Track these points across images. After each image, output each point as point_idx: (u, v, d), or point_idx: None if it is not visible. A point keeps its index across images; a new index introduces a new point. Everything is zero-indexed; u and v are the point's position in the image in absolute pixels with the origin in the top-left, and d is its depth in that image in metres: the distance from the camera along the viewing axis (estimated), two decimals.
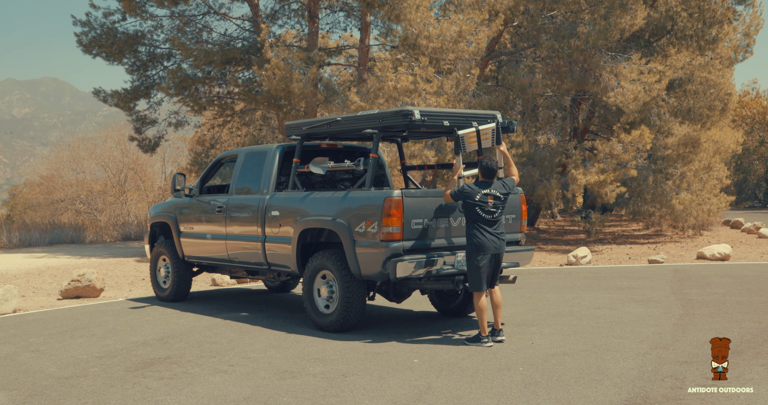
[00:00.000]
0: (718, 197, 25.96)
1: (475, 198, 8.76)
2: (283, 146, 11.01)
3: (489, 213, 8.82)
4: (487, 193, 8.83)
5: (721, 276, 14.90)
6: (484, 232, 8.79)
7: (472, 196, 8.76)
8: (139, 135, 26.23)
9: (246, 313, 11.47)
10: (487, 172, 8.94)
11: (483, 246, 8.76)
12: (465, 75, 21.65)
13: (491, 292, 9.03)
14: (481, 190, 8.81)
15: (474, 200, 8.76)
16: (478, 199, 8.77)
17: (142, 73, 24.73)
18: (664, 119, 25.00)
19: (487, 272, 8.86)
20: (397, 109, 9.21)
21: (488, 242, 8.78)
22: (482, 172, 8.96)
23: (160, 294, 12.89)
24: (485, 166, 8.94)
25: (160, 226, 13.17)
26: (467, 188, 8.81)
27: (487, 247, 8.77)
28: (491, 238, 8.81)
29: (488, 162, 8.94)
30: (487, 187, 8.86)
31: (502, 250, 8.92)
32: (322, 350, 8.62)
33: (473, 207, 8.77)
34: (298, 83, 20.14)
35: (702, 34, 24.63)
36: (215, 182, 16.83)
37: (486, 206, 8.81)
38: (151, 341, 9.38)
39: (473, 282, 8.84)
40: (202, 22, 24.19)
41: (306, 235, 10.04)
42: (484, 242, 8.76)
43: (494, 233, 8.84)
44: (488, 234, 8.81)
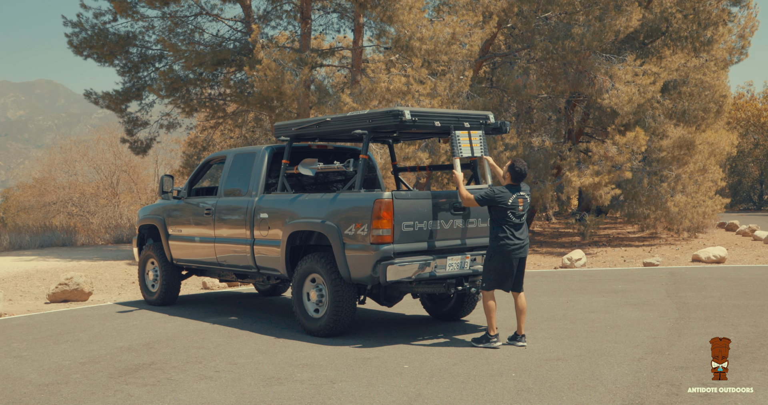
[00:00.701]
0: (713, 199, 25.83)
1: (507, 202, 8.63)
2: (272, 147, 10.83)
3: (518, 216, 8.72)
4: (518, 196, 8.71)
5: (717, 279, 14.74)
6: (511, 235, 8.65)
7: (504, 201, 8.62)
8: (130, 137, 26.04)
9: (235, 317, 11.28)
10: (518, 176, 8.75)
11: (509, 249, 8.63)
12: (459, 77, 21.49)
13: (516, 297, 8.87)
14: (512, 193, 8.69)
15: (507, 204, 8.63)
16: (511, 203, 8.65)
17: (133, 75, 24.53)
18: (658, 121, 24.84)
19: (511, 276, 8.74)
20: (387, 109, 9.03)
21: (515, 246, 8.65)
22: (513, 176, 8.76)
23: (149, 298, 12.69)
24: (518, 170, 8.74)
25: (149, 229, 12.97)
26: (498, 192, 8.65)
27: (513, 250, 8.65)
28: (518, 241, 8.68)
29: (520, 166, 8.74)
30: (516, 190, 8.74)
31: (526, 252, 8.82)
32: (311, 355, 8.43)
33: (505, 211, 8.64)
34: (289, 84, 19.96)
35: (697, 36, 24.47)
36: (204, 184, 16.64)
37: (517, 210, 8.70)
38: (136, 346, 9.18)
39: (488, 281, 8.70)
40: (193, 23, 24.03)
41: (295, 237, 9.86)
42: (510, 245, 8.63)
43: (521, 236, 8.72)
44: (515, 238, 8.67)
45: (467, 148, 9.32)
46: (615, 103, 21.95)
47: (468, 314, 10.68)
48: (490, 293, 8.71)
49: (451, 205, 9.19)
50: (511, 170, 8.79)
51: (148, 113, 25.86)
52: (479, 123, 9.65)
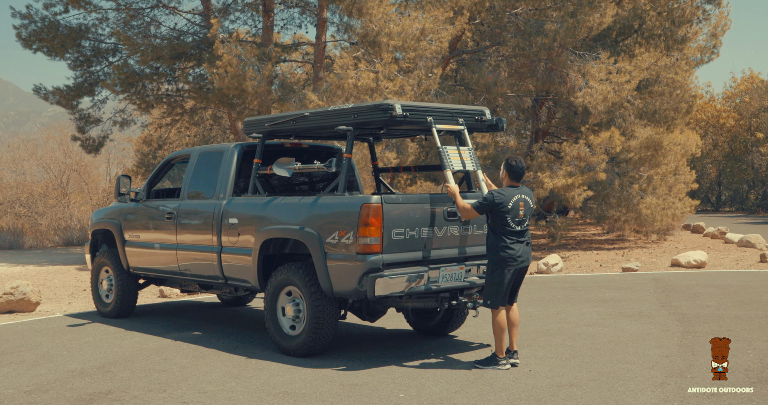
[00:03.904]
0: (682, 201, 25.30)
1: (508, 206, 7.72)
2: (242, 145, 9.82)
3: (520, 222, 7.79)
4: (519, 199, 7.79)
5: (705, 286, 14.05)
6: (512, 242, 7.75)
7: (504, 205, 7.70)
8: (82, 134, 24.70)
9: (199, 332, 10.24)
10: (516, 174, 7.89)
11: (512, 258, 7.73)
12: (427, 74, 20.60)
13: (509, 310, 7.99)
14: (512, 196, 7.77)
15: (507, 208, 7.71)
16: (511, 207, 7.73)
17: (85, 69, 23.22)
18: (629, 121, 24.20)
19: (509, 288, 7.85)
20: (375, 103, 8.07)
21: (517, 254, 7.75)
22: (511, 174, 7.90)
23: (103, 309, 11.60)
24: (515, 166, 7.88)
25: (103, 234, 11.88)
26: (498, 196, 7.72)
27: (516, 259, 7.75)
28: (520, 248, 7.78)
29: (516, 161, 7.89)
30: (517, 192, 7.82)
31: (529, 262, 7.92)
32: (290, 381, 7.45)
33: (504, 216, 7.72)
34: (252, 81, 18.91)
35: (671, 34, 23.87)
36: (165, 185, 15.51)
37: (517, 215, 7.78)
38: (90, 370, 8.10)
39: (493, 298, 7.79)
40: (150, 15, 22.81)
41: (269, 245, 8.87)
42: (512, 255, 7.73)
43: (523, 242, 7.82)
44: (517, 244, 7.76)
45: (457, 160, 8.36)
46: (589, 101, 21.22)
47: (456, 329, 9.77)
48: (498, 311, 7.81)
49: (445, 210, 8.26)
50: (507, 168, 7.91)
51: (100, 110, 24.54)
52: (474, 119, 8.76)
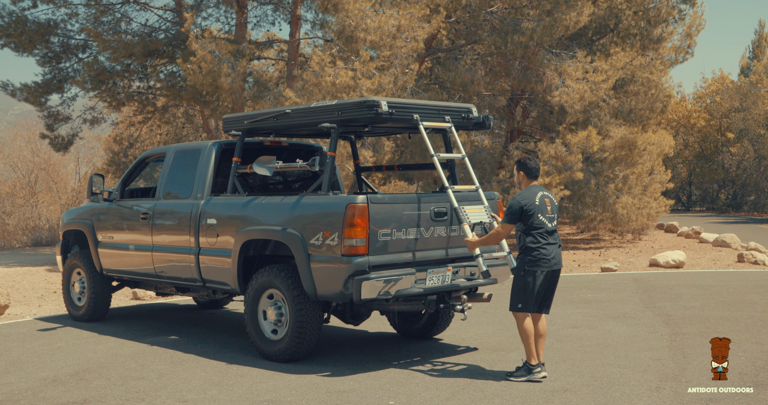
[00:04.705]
0: (657, 201, 25.27)
1: (535, 203, 7.38)
2: (220, 143, 9.51)
3: (550, 219, 7.47)
4: (543, 195, 7.47)
5: (686, 286, 13.94)
6: (546, 243, 7.37)
7: (531, 203, 7.36)
8: (51, 132, 24.15)
9: (175, 336, 9.92)
10: (533, 173, 7.62)
11: (545, 259, 7.33)
12: (403, 71, 20.35)
13: (538, 319, 7.49)
14: (535, 193, 7.45)
15: (535, 206, 7.37)
16: (538, 204, 7.40)
17: (54, 66, 22.71)
18: (604, 120, 24.11)
19: (541, 292, 7.40)
20: (360, 100, 7.80)
21: (551, 255, 7.38)
22: (529, 174, 7.61)
23: (75, 313, 11.23)
24: (532, 166, 7.61)
25: (75, 235, 11.51)
26: (521, 199, 7.37)
27: (549, 260, 7.35)
28: (553, 250, 7.41)
29: (532, 160, 7.64)
30: (538, 190, 7.50)
31: (561, 264, 7.50)
32: (274, 388, 7.16)
33: (534, 215, 7.36)
34: (227, 78, 18.56)
35: (647, 33, 23.80)
36: (139, 185, 15.14)
37: (546, 211, 7.45)
38: (63, 377, 7.76)
39: (522, 301, 7.34)
40: (120, 11, 22.35)
41: (249, 246, 8.58)
42: (546, 255, 7.34)
43: (555, 244, 7.46)
44: (550, 246, 7.40)
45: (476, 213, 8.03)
46: (566, 100, 21.09)
47: (441, 332, 9.52)
48: (523, 315, 7.39)
49: (432, 210, 8.01)
50: (523, 168, 7.61)
51: (70, 107, 24.01)
52: (461, 117, 8.53)
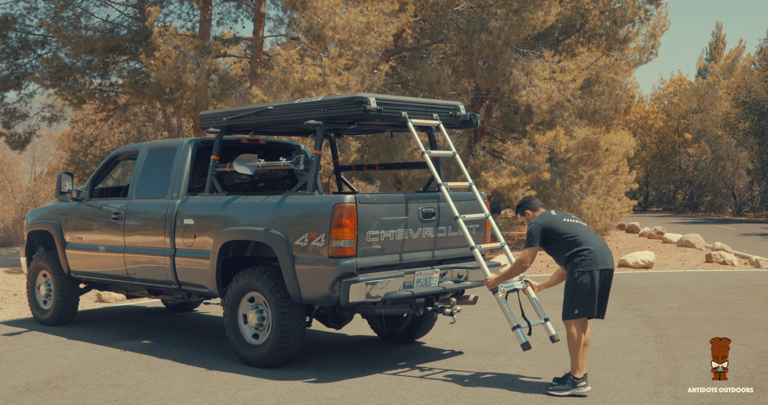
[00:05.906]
0: (621, 201, 25.35)
1: (551, 214, 7.17)
2: (197, 141, 9.19)
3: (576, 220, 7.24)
4: (556, 211, 7.24)
5: (660, 287, 13.92)
6: (590, 244, 6.97)
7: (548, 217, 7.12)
8: (7, 130, 23.56)
9: (148, 340, 9.57)
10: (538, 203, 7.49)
11: (600, 255, 6.92)
12: (371, 70, 20.10)
13: (586, 327, 7.01)
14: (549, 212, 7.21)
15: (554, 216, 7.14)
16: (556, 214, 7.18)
17: (12, 62, 22.11)
18: (569, 120, 24.10)
19: (596, 295, 6.91)
20: (347, 96, 7.55)
21: (600, 250, 6.97)
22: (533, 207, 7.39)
23: (40, 316, 10.82)
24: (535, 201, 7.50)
25: (40, 235, 11.08)
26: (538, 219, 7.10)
27: (600, 258, 6.92)
28: (602, 246, 7.02)
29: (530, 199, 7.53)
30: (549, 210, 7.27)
31: (613, 264, 7.07)
32: (260, 395, 6.87)
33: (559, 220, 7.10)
34: (191, 74, 18.16)
35: (612, 34, 23.84)
36: (108, 184, 14.73)
37: (568, 215, 7.25)
38: (36, 385, 7.39)
39: (580, 306, 6.88)
40: (81, 5, 21.83)
41: (228, 248, 8.28)
42: (596, 252, 6.92)
43: (601, 242, 7.10)
44: (596, 240, 7.05)
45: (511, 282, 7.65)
46: (533, 100, 21.01)
47: (424, 335, 9.31)
48: (577, 322, 6.91)
49: (420, 210, 7.78)
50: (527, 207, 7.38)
51: (27, 104, 23.46)
52: (449, 114, 8.31)
